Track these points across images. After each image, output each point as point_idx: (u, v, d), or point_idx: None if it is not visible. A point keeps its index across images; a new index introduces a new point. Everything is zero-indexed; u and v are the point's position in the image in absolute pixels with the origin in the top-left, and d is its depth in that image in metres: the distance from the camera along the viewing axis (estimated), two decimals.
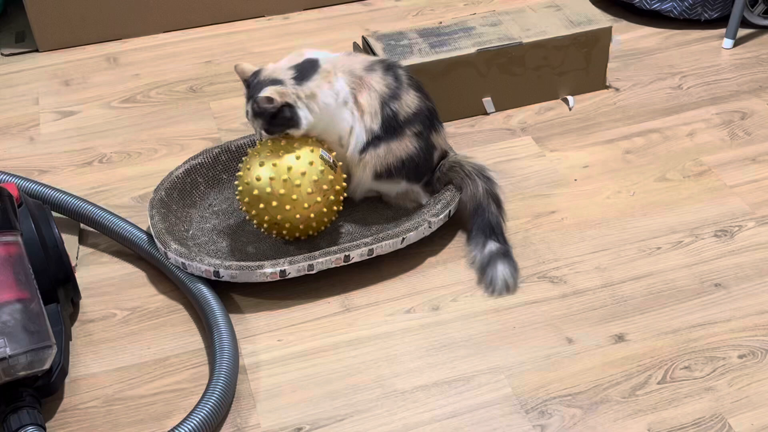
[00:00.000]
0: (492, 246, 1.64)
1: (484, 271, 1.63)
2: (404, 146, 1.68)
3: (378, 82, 1.67)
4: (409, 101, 1.68)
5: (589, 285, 1.61)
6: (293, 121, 1.60)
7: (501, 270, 1.61)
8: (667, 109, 2.08)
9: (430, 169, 1.74)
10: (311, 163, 1.59)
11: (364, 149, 1.68)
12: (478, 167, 1.71)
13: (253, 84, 1.62)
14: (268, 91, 1.57)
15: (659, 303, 1.57)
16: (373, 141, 1.67)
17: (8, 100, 2.24)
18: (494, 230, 1.65)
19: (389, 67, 1.70)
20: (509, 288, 1.61)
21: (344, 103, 1.64)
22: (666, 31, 2.37)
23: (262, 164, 1.59)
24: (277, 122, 1.60)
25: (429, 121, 1.71)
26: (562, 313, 1.56)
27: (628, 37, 2.35)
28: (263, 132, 1.62)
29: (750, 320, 1.53)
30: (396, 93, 1.67)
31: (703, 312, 1.55)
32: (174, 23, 2.50)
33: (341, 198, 1.67)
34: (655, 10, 2.36)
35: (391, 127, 1.67)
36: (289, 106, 1.58)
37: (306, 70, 1.62)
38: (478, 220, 1.67)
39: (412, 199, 1.76)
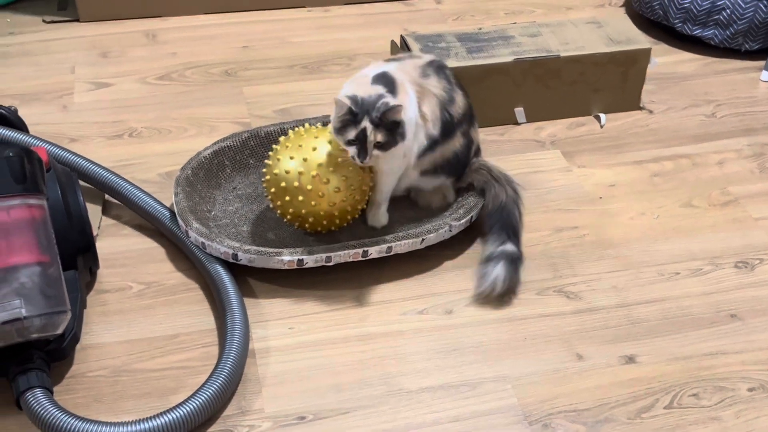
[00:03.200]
0: (509, 247, 1.61)
1: (486, 263, 1.60)
2: (453, 146, 1.67)
3: (435, 86, 1.64)
4: (460, 102, 1.67)
5: (604, 303, 1.61)
6: (401, 134, 1.53)
7: (500, 270, 1.57)
8: (699, 135, 2.07)
9: (467, 164, 1.73)
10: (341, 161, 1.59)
11: (422, 154, 1.65)
12: (505, 175, 1.71)
13: (366, 102, 1.50)
14: (398, 100, 1.51)
15: (673, 328, 1.56)
16: (431, 145, 1.65)
17: (45, 67, 2.26)
18: (516, 233, 1.64)
19: (439, 68, 1.67)
20: (495, 290, 1.57)
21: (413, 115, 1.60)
22: (705, 58, 2.36)
23: (292, 158, 1.59)
24: (391, 135, 1.51)
25: (470, 117, 1.71)
26: (574, 328, 1.56)
27: (667, 60, 2.34)
28: (372, 153, 1.51)
29: (763, 354, 1.52)
30: (451, 96, 1.66)
31: (716, 341, 1.54)
32: (215, 6, 2.51)
33: (366, 198, 1.67)
34: (696, 36, 2.35)
35: (447, 130, 1.66)
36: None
37: (390, 84, 1.55)
38: (503, 218, 1.64)
39: (443, 194, 1.75)
